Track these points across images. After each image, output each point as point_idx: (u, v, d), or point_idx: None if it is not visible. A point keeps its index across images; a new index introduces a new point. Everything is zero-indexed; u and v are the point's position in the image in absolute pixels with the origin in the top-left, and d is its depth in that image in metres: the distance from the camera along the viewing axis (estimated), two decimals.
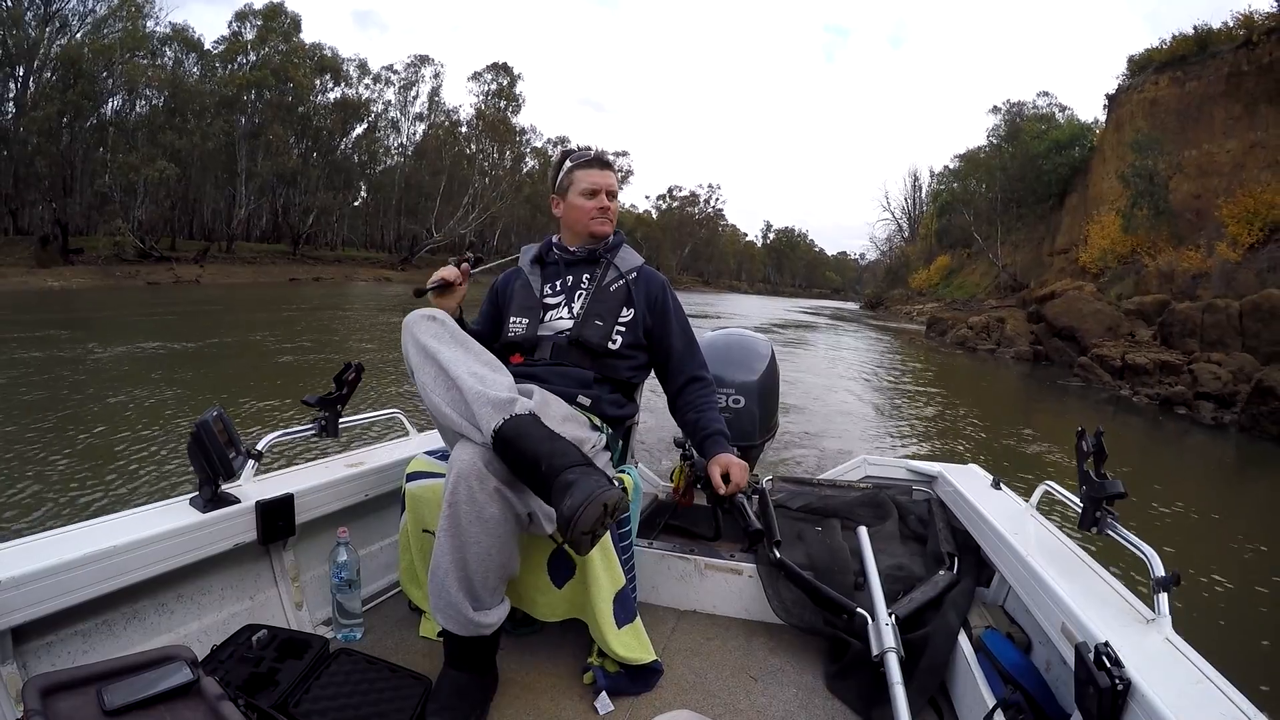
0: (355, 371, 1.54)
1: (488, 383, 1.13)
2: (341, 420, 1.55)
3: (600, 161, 1.55)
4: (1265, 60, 18.32)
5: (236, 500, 1.29)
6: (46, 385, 6.19)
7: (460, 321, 1.49)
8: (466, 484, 1.08)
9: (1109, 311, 13.83)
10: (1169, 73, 21.99)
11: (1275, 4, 18.25)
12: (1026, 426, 7.46)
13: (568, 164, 1.56)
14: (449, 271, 1.42)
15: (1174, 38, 22.62)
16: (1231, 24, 20.42)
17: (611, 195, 1.56)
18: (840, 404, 8.09)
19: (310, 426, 1.52)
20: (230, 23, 29.85)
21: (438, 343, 1.18)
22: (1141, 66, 24.03)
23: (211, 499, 1.27)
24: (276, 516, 1.35)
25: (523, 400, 1.12)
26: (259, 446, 1.40)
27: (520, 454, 1.06)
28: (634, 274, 1.55)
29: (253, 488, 1.36)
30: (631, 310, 1.51)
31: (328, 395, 1.52)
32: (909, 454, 5.70)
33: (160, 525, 1.17)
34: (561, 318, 1.50)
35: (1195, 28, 21.78)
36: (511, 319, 1.52)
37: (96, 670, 0.88)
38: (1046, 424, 7.78)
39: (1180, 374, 9.90)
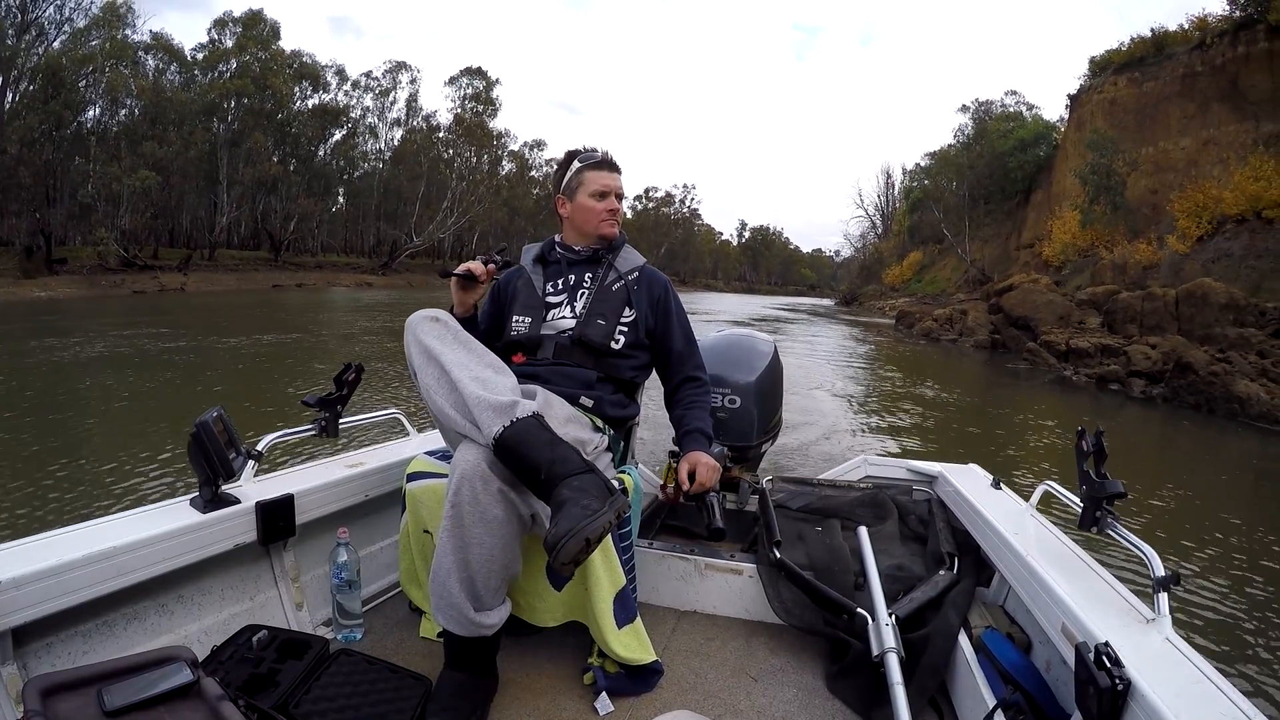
0: (355, 372, 1.54)
1: (489, 386, 1.13)
2: (341, 421, 1.54)
3: (609, 164, 1.56)
4: (1218, 61, 19.38)
5: (237, 501, 1.29)
6: (47, 387, 6.19)
7: (473, 320, 1.50)
8: (470, 485, 1.08)
9: (1060, 302, 14.83)
10: (1127, 74, 23.18)
11: (1227, 6, 19.35)
12: (995, 410, 8.00)
13: (576, 164, 1.56)
14: (476, 266, 1.44)
15: (1132, 40, 23.97)
16: (1187, 26, 21.56)
17: (619, 197, 1.57)
18: (824, 399, 8.17)
19: (310, 427, 1.52)
20: (209, 30, 30.07)
21: (440, 344, 1.18)
22: (1102, 67, 25.19)
23: (212, 499, 1.26)
24: (277, 517, 1.35)
25: (524, 403, 1.12)
26: (259, 447, 1.40)
27: (520, 460, 1.07)
28: (634, 274, 1.56)
29: (253, 488, 1.36)
30: (632, 310, 1.51)
31: (327, 396, 1.52)
32: (908, 453, 5.72)
33: (160, 526, 1.16)
34: (564, 317, 1.50)
35: (1152, 30, 23.03)
36: (514, 318, 1.52)
37: (97, 671, 0.88)
38: (1006, 404, 8.57)
39: (1117, 356, 10.75)
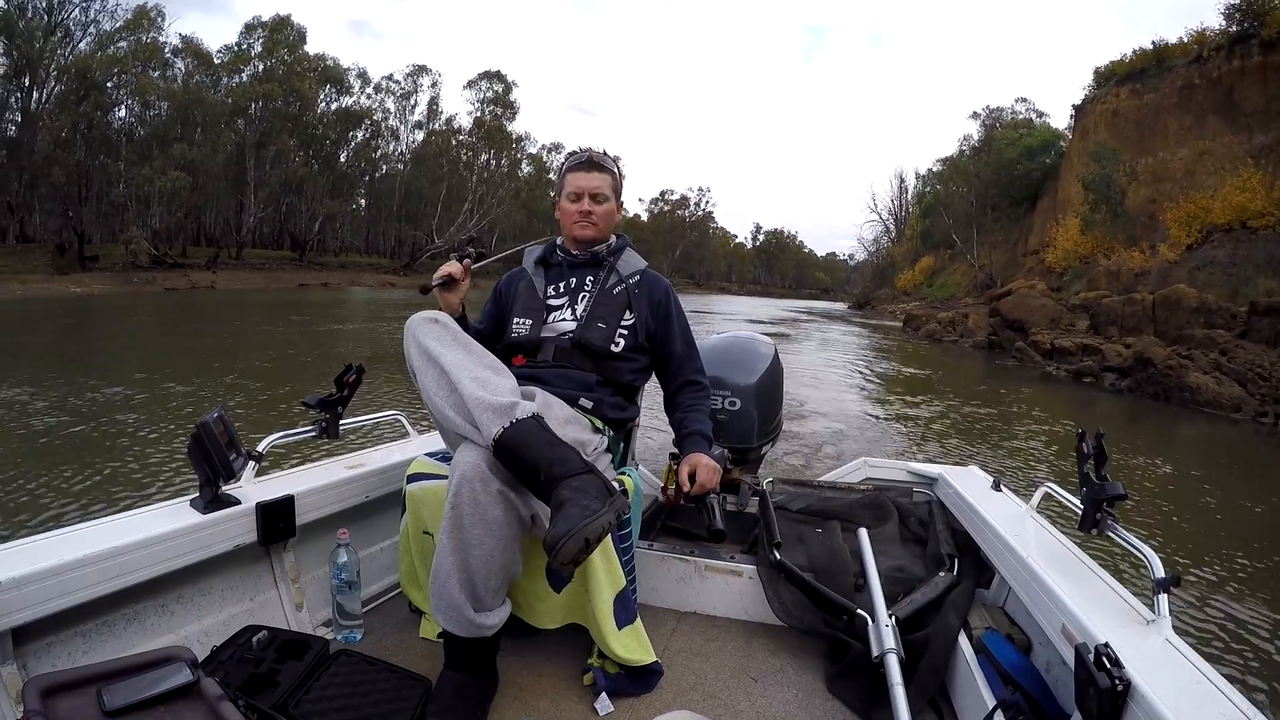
0: (356, 373, 1.54)
1: (489, 387, 1.13)
2: (342, 422, 1.54)
3: (586, 163, 1.52)
4: (1214, 75, 20.10)
5: (237, 501, 1.29)
6: (49, 386, 6.18)
7: (463, 319, 1.49)
8: (470, 486, 1.08)
9: (1053, 306, 15.93)
10: (1129, 85, 24.01)
11: (1223, 21, 19.98)
12: (987, 401, 8.64)
13: (564, 167, 1.57)
14: (453, 267, 1.44)
15: (1134, 53, 24.75)
16: (1186, 39, 22.25)
17: (597, 198, 1.52)
18: (825, 399, 8.23)
19: (311, 428, 1.52)
20: (239, 35, 30.61)
21: (440, 345, 1.18)
22: (1105, 79, 26.02)
23: (212, 500, 1.26)
24: (277, 518, 1.35)
25: (524, 404, 1.12)
26: (259, 448, 1.40)
27: (520, 461, 1.07)
28: (635, 278, 1.55)
29: (253, 489, 1.36)
30: (633, 314, 1.51)
31: (328, 397, 1.52)
32: (909, 455, 5.72)
33: (161, 526, 1.16)
34: (565, 320, 1.50)
35: (1153, 43, 23.82)
36: (515, 320, 1.52)
37: (97, 671, 0.88)
38: (996, 394, 9.49)
39: (1094, 354, 11.98)
